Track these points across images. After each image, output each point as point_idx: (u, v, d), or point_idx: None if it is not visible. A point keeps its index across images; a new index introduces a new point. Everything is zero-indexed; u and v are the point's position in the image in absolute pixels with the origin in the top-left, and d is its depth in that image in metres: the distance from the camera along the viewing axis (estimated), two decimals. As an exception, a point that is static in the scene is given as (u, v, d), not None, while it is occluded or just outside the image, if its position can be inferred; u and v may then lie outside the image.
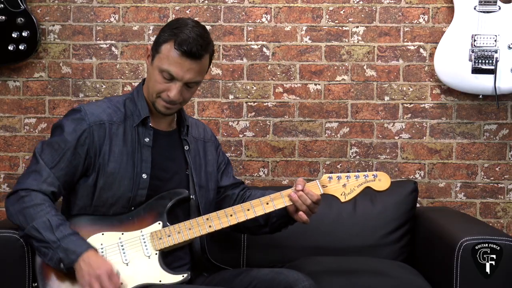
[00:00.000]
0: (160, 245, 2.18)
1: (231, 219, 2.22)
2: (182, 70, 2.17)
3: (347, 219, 2.85)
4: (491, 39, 3.04)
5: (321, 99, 3.24)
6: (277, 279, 2.10)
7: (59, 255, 2.08)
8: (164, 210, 2.23)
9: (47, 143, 2.22)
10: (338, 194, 2.27)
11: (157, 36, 2.25)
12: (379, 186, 2.28)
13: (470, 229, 2.48)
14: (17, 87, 3.28)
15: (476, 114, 3.21)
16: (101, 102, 2.31)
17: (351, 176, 2.28)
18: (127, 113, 2.27)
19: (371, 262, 2.68)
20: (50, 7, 3.27)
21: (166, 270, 2.16)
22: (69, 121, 2.23)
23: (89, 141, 2.20)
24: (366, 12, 3.21)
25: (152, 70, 2.23)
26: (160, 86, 2.21)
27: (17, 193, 2.18)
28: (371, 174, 2.29)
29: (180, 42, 2.15)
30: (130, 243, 2.18)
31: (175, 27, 2.20)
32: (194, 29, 2.18)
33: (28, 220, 2.13)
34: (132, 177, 2.21)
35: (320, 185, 2.27)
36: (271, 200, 2.25)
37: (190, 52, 2.15)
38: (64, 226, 2.12)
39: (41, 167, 2.18)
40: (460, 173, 3.22)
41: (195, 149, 2.39)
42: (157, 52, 2.21)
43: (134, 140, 2.25)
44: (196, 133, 2.44)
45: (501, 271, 2.34)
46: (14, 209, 2.17)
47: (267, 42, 3.24)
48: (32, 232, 2.12)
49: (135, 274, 2.14)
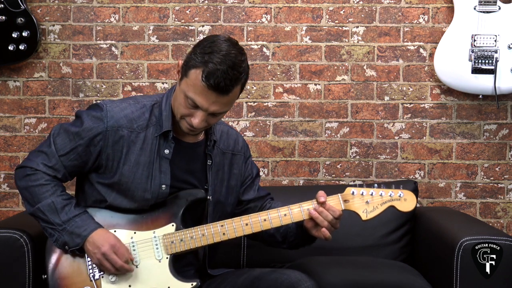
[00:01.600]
0: (172, 249, 2.16)
1: (246, 229, 2.17)
2: (207, 102, 2.03)
3: (347, 219, 2.84)
4: (491, 39, 3.04)
5: (321, 99, 3.24)
6: (279, 279, 2.10)
7: (64, 238, 2.11)
8: (179, 211, 2.19)
9: (64, 129, 2.19)
10: (360, 211, 2.18)
11: (188, 55, 2.08)
12: (404, 206, 2.18)
13: (470, 229, 2.48)
14: (17, 87, 3.28)
15: (476, 114, 3.21)
16: (127, 104, 2.21)
17: (376, 193, 2.17)
18: (151, 120, 2.19)
19: (371, 262, 2.67)
20: (50, 7, 3.27)
21: (176, 276, 2.14)
22: (89, 116, 2.17)
23: (102, 143, 2.16)
24: (366, 12, 3.22)
25: (179, 91, 2.10)
26: (185, 110, 2.08)
27: (24, 169, 2.19)
28: (396, 192, 2.18)
29: (208, 74, 1.99)
30: (142, 244, 2.16)
31: (208, 52, 2.02)
32: (226, 58, 2.00)
33: (34, 199, 2.14)
34: (146, 187, 2.17)
35: (342, 200, 2.19)
36: (289, 212, 2.17)
37: (217, 87, 2.00)
38: (69, 207, 2.14)
39: (51, 152, 2.17)
40: (460, 173, 3.22)
41: (220, 163, 2.29)
42: (185, 75, 2.06)
43: (154, 150, 2.18)
44: (225, 145, 2.32)
45: (501, 271, 2.34)
46: (21, 184, 2.18)
47: (267, 42, 3.24)
48: (38, 213, 2.14)
49: (144, 277, 2.14)
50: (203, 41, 2.09)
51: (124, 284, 2.13)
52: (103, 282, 2.13)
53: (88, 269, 2.14)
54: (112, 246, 2.10)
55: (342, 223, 2.84)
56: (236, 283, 2.19)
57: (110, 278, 2.13)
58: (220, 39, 2.07)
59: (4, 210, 3.29)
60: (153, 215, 2.20)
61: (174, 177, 2.20)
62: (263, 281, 2.13)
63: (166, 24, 3.25)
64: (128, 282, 2.13)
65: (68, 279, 2.14)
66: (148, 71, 3.26)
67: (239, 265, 2.80)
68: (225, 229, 2.17)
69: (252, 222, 2.18)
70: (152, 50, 3.26)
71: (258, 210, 2.35)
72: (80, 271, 2.14)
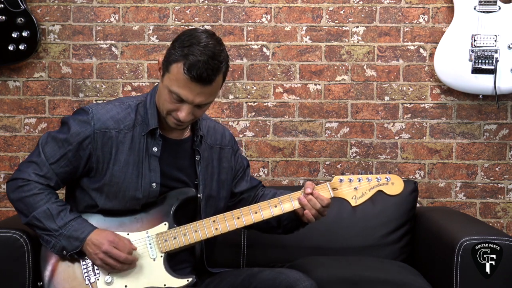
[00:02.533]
0: (166, 248, 2.17)
1: (238, 222, 2.19)
2: (192, 94, 2.06)
3: (347, 219, 2.85)
4: (491, 39, 3.04)
5: (321, 99, 3.24)
6: (278, 279, 2.10)
7: (61, 243, 2.12)
8: (170, 210, 2.21)
9: (52, 137, 2.20)
10: (349, 197, 2.22)
11: (168, 51, 2.11)
12: (392, 190, 2.22)
13: (470, 229, 2.48)
14: (17, 87, 3.28)
15: (476, 114, 3.21)
16: (112, 106, 2.23)
17: (363, 179, 2.22)
18: (137, 120, 2.20)
19: (371, 262, 2.67)
20: (50, 7, 3.27)
21: (171, 273, 2.15)
22: (75, 121, 2.19)
23: (91, 146, 2.17)
24: (366, 12, 3.22)
25: (162, 87, 2.12)
26: (170, 105, 2.11)
27: (16, 181, 2.19)
28: (383, 177, 2.22)
29: (189, 66, 2.02)
30: (135, 244, 2.17)
31: (186, 45, 2.05)
32: (206, 49, 2.03)
33: (29, 209, 2.15)
34: (137, 187, 2.18)
35: (331, 188, 2.22)
36: (279, 203, 2.21)
37: (200, 78, 2.03)
38: (65, 212, 2.14)
39: (41, 161, 2.18)
40: (460, 173, 3.22)
41: (209, 158, 2.31)
42: (167, 70, 2.09)
43: (142, 149, 2.20)
44: (212, 140, 2.34)
45: (501, 271, 2.34)
46: (14, 196, 2.19)
47: (267, 42, 3.24)
48: (33, 221, 2.15)
49: (140, 276, 2.14)
50: (181, 35, 2.11)
51: (120, 284, 2.14)
52: (99, 284, 2.14)
53: (83, 273, 2.14)
54: (111, 241, 2.11)
55: (342, 223, 2.85)
56: (235, 282, 2.20)
57: (106, 279, 2.13)
58: (197, 31, 2.10)
59: (4, 210, 3.29)
60: (145, 216, 2.22)
61: (163, 175, 2.21)
62: (262, 280, 2.14)
63: (166, 24, 3.25)
64: (124, 283, 2.14)
65: (63, 284, 2.14)
66: (148, 71, 3.26)
67: (238, 265, 2.80)
68: (217, 224, 2.19)
69: (244, 215, 2.20)
70: (152, 50, 3.26)
71: (252, 200, 2.40)
72: (76, 275, 2.15)
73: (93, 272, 2.14)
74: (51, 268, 2.16)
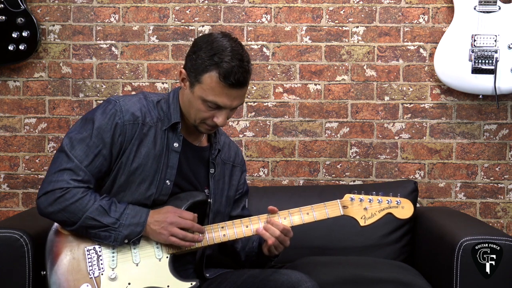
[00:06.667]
0: (172, 249, 2.17)
1: (246, 231, 2.20)
2: (229, 99, 2.08)
3: (347, 219, 2.85)
4: (491, 39, 3.04)
5: (321, 99, 3.24)
6: (280, 280, 2.10)
7: (123, 233, 2.11)
8: None
9: (78, 140, 2.14)
10: (358, 217, 2.23)
11: (192, 61, 2.10)
12: (401, 213, 2.23)
13: (470, 229, 2.48)
14: (17, 87, 3.28)
15: (476, 114, 3.21)
16: (137, 99, 2.20)
17: (374, 200, 2.23)
18: (159, 115, 2.19)
19: (371, 262, 2.68)
20: (50, 7, 3.27)
21: (175, 275, 2.15)
22: (103, 115, 2.15)
23: (122, 139, 2.14)
24: (366, 12, 3.22)
25: (193, 98, 2.11)
26: (205, 114, 2.11)
27: (52, 192, 2.12)
28: (394, 200, 2.23)
29: (225, 74, 2.03)
30: (142, 243, 2.16)
31: (214, 54, 2.05)
32: (233, 53, 2.05)
33: (77, 213, 2.10)
34: (152, 181, 2.17)
35: (341, 206, 2.23)
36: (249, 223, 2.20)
37: (238, 83, 2.05)
38: (115, 204, 2.13)
39: (76, 166, 2.12)
40: (460, 173, 3.23)
41: (221, 173, 2.31)
42: (197, 81, 2.08)
43: (163, 144, 2.18)
44: (227, 156, 2.35)
45: (501, 271, 2.34)
46: (54, 209, 2.12)
47: (267, 42, 3.24)
48: (87, 222, 2.10)
49: (144, 275, 2.14)
50: (201, 43, 2.10)
51: (123, 281, 2.13)
52: (103, 279, 2.13)
53: (87, 267, 2.14)
54: (174, 212, 2.13)
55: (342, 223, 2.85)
56: (236, 283, 2.19)
57: (110, 275, 2.13)
58: (215, 37, 2.11)
59: (4, 210, 3.29)
60: None
61: (179, 173, 2.20)
62: (264, 281, 2.13)
63: (166, 24, 3.25)
64: (128, 280, 2.14)
65: (67, 275, 2.13)
66: (148, 71, 3.26)
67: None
68: (225, 230, 2.19)
69: (253, 224, 2.20)
70: (152, 50, 3.26)
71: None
72: (80, 268, 2.13)
73: (97, 266, 2.13)
74: (56, 259, 2.14)
